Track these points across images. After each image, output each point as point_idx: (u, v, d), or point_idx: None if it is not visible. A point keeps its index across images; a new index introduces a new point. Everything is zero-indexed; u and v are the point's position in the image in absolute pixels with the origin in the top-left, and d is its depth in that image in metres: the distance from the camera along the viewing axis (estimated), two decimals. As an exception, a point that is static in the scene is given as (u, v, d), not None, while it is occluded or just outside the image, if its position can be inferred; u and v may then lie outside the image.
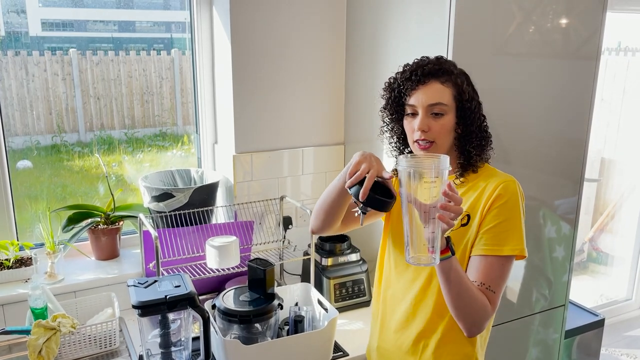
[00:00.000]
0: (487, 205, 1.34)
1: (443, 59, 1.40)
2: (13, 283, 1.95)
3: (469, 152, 1.40)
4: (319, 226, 1.56)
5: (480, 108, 1.41)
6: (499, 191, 1.33)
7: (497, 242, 1.32)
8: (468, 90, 1.37)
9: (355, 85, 2.27)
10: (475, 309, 1.31)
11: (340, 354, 1.77)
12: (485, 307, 1.31)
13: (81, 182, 2.43)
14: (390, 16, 1.98)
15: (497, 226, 1.32)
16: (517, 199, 1.34)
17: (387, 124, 1.50)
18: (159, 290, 1.48)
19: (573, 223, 2.17)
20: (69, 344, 1.70)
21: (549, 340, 2.28)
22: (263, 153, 2.21)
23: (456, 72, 1.38)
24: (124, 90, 2.43)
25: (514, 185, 1.35)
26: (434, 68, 1.36)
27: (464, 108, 1.36)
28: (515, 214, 1.33)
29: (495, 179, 1.37)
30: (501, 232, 1.32)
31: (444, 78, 1.35)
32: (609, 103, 3.90)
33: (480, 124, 1.40)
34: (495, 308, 1.33)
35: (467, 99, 1.36)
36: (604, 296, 3.84)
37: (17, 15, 2.20)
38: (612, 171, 4.01)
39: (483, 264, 1.33)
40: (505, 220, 1.32)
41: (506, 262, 1.33)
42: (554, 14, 1.88)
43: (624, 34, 3.79)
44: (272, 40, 2.13)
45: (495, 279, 1.32)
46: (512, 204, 1.33)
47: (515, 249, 1.32)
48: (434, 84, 1.35)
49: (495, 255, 1.32)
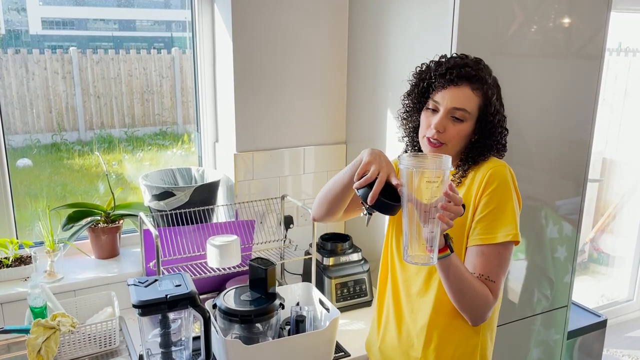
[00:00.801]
0: (478, 194, 1.34)
1: (482, 65, 1.39)
2: (12, 281, 1.94)
3: (473, 160, 1.39)
4: (321, 215, 1.57)
5: (504, 122, 1.40)
6: (487, 178, 1.33)
7: (490, 230, 1.32)
8: (495, 104, 1.36)
9: (357, 84, 2.26)
10: (477, 302, 1.32)
11: (342, 354, 1.76)
12: (486, 298, 1.31)
13: (81, 181, 2.43)
14: (393, 14, 1.97)
15: (489, 214, 1.32)
16: (506, 183, 1.33)
17: (406, 110, 1.48)
18: (160, 290, 1.47)
19: (575, 224, 2.16)
20: (68, 343, 1.69)
21: (551, 341, 2.27)
22: (264, 152, 2.20)
23: (490, 82, 1.37)
24: (124, 88, 2.42)
25: (502, 170, 1.35)
26: (470, 72, 1.34)
27: (486, 120, 1.36)
28: (505, 199, 1.32)
29: (486, 165, 1.37)
30: (493, 219, 1.32)
31: (476, 85, 1.34)
32: (610, 104, 3.90)
33: (499, 137, 1.40)
34: (497, 296, 1.33)
35: (492, 112, 1.36)
36: (605, 297, 3.84)
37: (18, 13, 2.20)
38: (614, 172, 4.01)
39: (480, 255, 1.33)
40: (496, 207, 1.32)
41: (503, 249, 1.32)
42: (557, 14, 1.88)
43: (625, 35, 3.78)
44: (273, 38, 2.13)
45: (493, 268, 1.32)
46: (503, 188, 1.33)
47: (508, 235, 1.31)
48: (465, 89, 1.34)
49: (490, 243, 1.32)
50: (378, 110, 2.12)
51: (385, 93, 2.07)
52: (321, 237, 2.16)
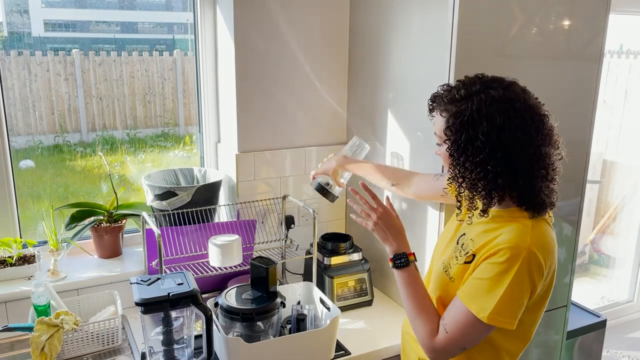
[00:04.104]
0: (484, 256, 1.27)
1: (457, 84, 1.32)
2: (16, 280, 1.95)
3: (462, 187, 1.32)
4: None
5: (485, 146, 1.22)
6: (500, 249, 1.24)
7: (471, 293, 1.27)
8: (467, 119, 1.24)
9: (358, 85, 2.27)
10: (417, 331, 1.36)
11: (342, 352, 1.77)
12: (425, 336, 1.33)
13: (83, 182, 2.44)
14: (393, 17, 1.99)
15: (479, 280, 1.26)
16: (514, 267, 1.21)
17: None
18: (162, 288, 1.48)
19: (575, 225, 2.17)
20: (71, 341, 1.70)
21: (550, 341, 2.28)
22: (266, 152, 2.21)
23: (468, 101, 1.25)
24: (126, 90, 2.44)
25: (520, 254, 1.22)
26: (439, 97, 1.33)
27: (450, 140, 1.28)
28: (502, 280, 1.22)
29: (510, 235, 1.25)
30: (479, 287, 1.25)
31: (443, 107, 1.31)
32: (610, 105, 3.91)
33: (476, 163, 1.24)
34: (442, 347, 1.29)
35: (456, 128, 1.25)
36: (605, 298, 3.84)
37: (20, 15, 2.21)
38: (614, 173, 4.02)
39: (453, 303, 1.32)
40: (488, 279, 1.24)
41: (472, 318, 1.25)
42: (557, 16, 1.89)
43: (626, 37, 3.80)
44: (275, 40, 2.14)
45: (454, 322, 1.28)
46: (506, 269, 1.22)
47: (480, 311, 1.23)
48: (437, 115, 1.34)
49: (463, 303, 1.27)
50: (379, 111, 2.13)
51: (386, 94, 2.08)
52: (322, 237, 2.17)
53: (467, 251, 1.35)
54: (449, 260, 1.41)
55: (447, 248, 1.46)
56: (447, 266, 1.40)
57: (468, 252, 1.34)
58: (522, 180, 1.25)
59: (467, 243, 1.37)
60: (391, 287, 2.18)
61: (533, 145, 1.24)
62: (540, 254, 1.23)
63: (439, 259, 1.48)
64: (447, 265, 1.41)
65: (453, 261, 1.39)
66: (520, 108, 1.24)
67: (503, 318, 1.23)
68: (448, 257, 1.42)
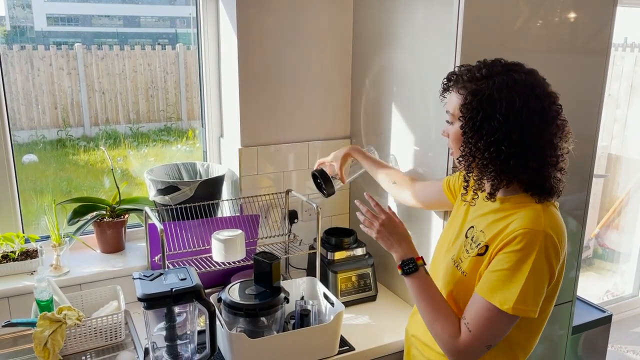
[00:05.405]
0: (499, 246, 1.26)
1: (477, 64, 1.32)
2: (19, 275, 1.94)
3: (473, 169, 1.32)
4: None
5: (501, 126, 1.23)
6: (515, 236, 1.23)
7: (491, 287, 1.24)
8: (485, 99, 1.24)
9: (361, 78, 2.26)
10: (438, 336, 1.32)
11: (346, 348, 1.76)
12: (448, 339, 1.28)
13: (86, 176, 2.44)
14: (398, 9, 1.97)
15: (497, 272, 1.24)
16: (533, 251, 1.21)
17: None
18: (165, 283, 1.47)
19: (581, 219, 2.15)
20: (74, 336, 1.70)
21: (555, 336, 2.27)
22: (269, 147, 2.20)
23: (489, 80, 1.26)
24: (129, 84, 2.43)
25: (537, 238, 1.21)
26: (456, 76, 1.33)
27: (466, 118, 1.27)
28: (522, 268, 1.21)
29: (524, 220, 1.25)
30: (498, 279, 1.23)
31: (461, 85, 1.30)
32: (616, 99, 3.89)
33: (490, 143, 1.24)
34: (467, 348, 1.26)
35: (474, 107, 1.25)
36: (610, 293, 3.83)
37: (23, 9, 2.21)
38: (619, 167, 4.00)
39: (472, 301, 1.29)
40: (507, 270, 1.22)
41: (496, 312, 1.23)
42: (562, 8, 1.87)
43: (631, 30, 3.77)
44: (278, 33, 2.12)
45: (476, 319, 1.25)
46: (524, 255, 1.21)
47: (504, 303, 1.21)
48: (452, 92, 1.34)
49: (484, 298, 1.25)
50: (382, 105, 2.12)
51: (389, 87, 2.07)
52: (326, 232, 2.16)
53: (479, 243, 1.33)
54: (459, 255, 1.40)
55: (454, 244, 1.45)
56: (458, 260, 1.39)
57: (479, 243, 1.33)
58: (534, 164, 1.26)
59: (477, 235, 1.36)
60: (395, 282, 2.17)
61: (548, 132, 1.26)
62: (555, 236, 1.24)
63: (445, 256, 1.47)
64: (457, 259, 1.40)
65: (464, 255, 1.37)
66: (540, 94, 1.26)
67: (527, 307, 1.21)
68: (458, 252, 1.41)
